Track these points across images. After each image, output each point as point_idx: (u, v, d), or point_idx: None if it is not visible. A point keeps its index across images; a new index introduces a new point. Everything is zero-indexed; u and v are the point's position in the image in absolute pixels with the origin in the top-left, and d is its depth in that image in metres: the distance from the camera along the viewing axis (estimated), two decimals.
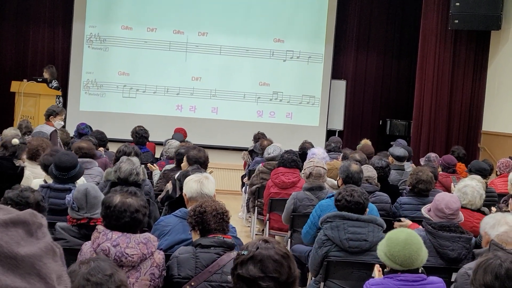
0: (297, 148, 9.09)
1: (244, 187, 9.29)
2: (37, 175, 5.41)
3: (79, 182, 5.06)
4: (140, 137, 8.40)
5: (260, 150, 9.01)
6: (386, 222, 4.96)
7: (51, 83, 10.84)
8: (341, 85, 13.17)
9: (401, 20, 13.38)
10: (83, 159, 6.01)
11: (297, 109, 12.83)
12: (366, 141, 10.07)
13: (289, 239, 6.05)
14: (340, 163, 6.78)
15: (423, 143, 12.09)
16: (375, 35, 13.37)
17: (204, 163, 5.89)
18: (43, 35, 12.54)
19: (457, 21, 11.34)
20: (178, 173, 5.79)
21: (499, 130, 11.41)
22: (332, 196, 5.21)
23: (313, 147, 8.54)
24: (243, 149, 10.72)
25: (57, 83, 10.88)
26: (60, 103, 10.71)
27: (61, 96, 10.72)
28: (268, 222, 6.85)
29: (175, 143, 8.06)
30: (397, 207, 6.12)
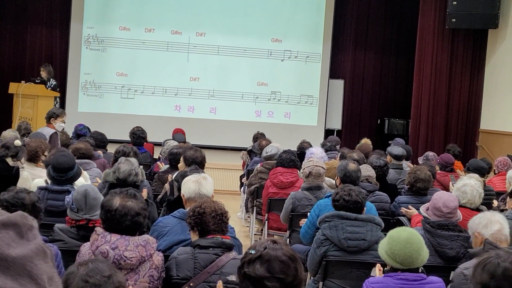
0: (295, 148, 9.10)
1: (242, 187, 9.29)
2: (36, 177, 5.41)
3: (78, 183, 5.07)
4: (137, 138, 8.41)
5: (258, 150, 9.02)
6: (384, 221, 4.98)
7: (49, 82, 10.85)
8: (339, 85, 13.18)
9: (398, 19, 13.40)
10: (81, 160, 6.02)
11: (295, 109, 12.84)
12: (366, 140, 10.08)
13: (288, 239, 6.06)
14: (338, 162, 6.79)
15: (421, 142, 12.09)
16: (373, 34, 13.38)
17: (201, 163, 5.89)
18: (41, 36, 12.54)
19: (454, 20, 11.35)
20: (175, 174, 5.79)
21: (497, 128, 11.41)
22: (330, 195, 5.21)
23: (311, 146, 8.55)
24: (241, 149, 10.73)
25: (55, 82, 10.91)
26: (57, 103, 10.73)
27: (58, 97, 10.72)
28: (267, 222, 6.86)
29: (173, 144, 8.06)
30: (395, 206, 6.12)
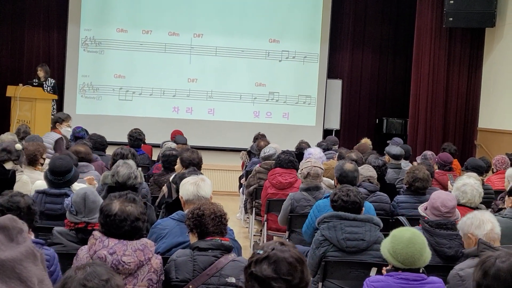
0: (294, 148, 9.10)
1: (241, 188, 9.29)
2: (35, 180, 5.40)
3: (76, 186, 5.06)
4: (135, 140, 8.39)
5: (257, 151, 9.03)
6: (383, 220, 4.98)
7: (46, 82, 10.84)
8: (337, 84, 13.19)
9: (396, 18, 13.40)
10: (80, 163, 6.01)
11: (293, 109, 12.85)
12: (366, 140, 10.08)
13: (287, 240, 6.05)
14: (336, 162, 6.79)
15: (420, 141, 12.10)
16: (370, 34, 13.38)
17: (198, 164, 5.87)
18: (38, 39, 12.53)
19: (451, 19, 11.37)
20: (172, 176, 5.79)
21: (495, 127, 11.42)
22: (329, 196, 5.22)
23: (310, 147, 8.55)
24: (240, 150, 10.73)
25: (53, 80, 10.93)
26: (54, 105, 10.72)
27: (55, 99, 10.71)
28: (266, 223, 6.86)
29: (172, 145, 8.05)
30: (394, 205, 6.13)
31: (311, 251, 4.60)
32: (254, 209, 7.63)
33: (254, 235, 7.85)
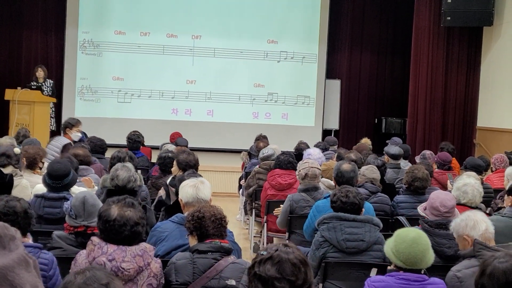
0: (293, 149, 9.11)
1: (241, 189, 9.29)
2: (35, 184, 5.40)
3: (75, 190, 5.05)
4: (133, 142, 8.38)
5: (256, 152, 9.03)
6: (383, 221, 4.98)
7: (45, 83, 10.84)
8: (335, 85, 13.19)
9: (393, 18, 13.41)
10: (83, 167, 6.01)
11: (292, 110, 12.85)
12: (366, 140, 10.08)
13: (287, 241, 6.05)
14: (335, 163, 6.79)
15: (419, 141, 12.10)
16: (368, 34, 13.39)
17: (194, 166, 5.86)
18: (36, 42, 12.53)
19: (449, 18, 11.37)
20: (169, 179, 5.78)
21: (494, 125, 11.43)
22: (328, 196, 5.22)
23: (309, 147, 8.55)
24: (239, 151, 10.73)
25: (52, 82, 10.94)
26: (53, 108, 10.72)
27: (52, 102, 10.71)
28: (266, 224, 6.86)
29: (171, 147, 8.04)
30: (394, 205, 6.13)
31: (311, 252, 4.60)
32: (254, 210, 7.63)
33: (254, 237, 7.85)
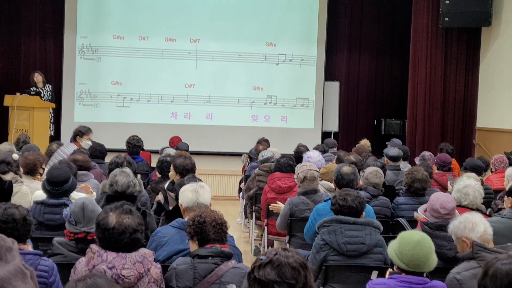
0: (293, 151, 9.10)
1: (241, 193, 9.28)
2: (33, 190, 5.39)
3: (74, 195, 5.05)
4: (133, 147, 8.38)
5: (255, 155, 9.03)
6: (383, 223, 4.98)
7: (45, 87, 10.85)
8: (334, 87, 13.18)
9: (392, 19, 13.40)
10: (78, 172, 5.99)
11: (291, 112, 12.84)
12: (365, 141, 10.07)
13: (288, 244, 6.05)
14: (335, 165, 6.78)
15: (418, 142, 12.10)
16: (367, 35, 13.38)
17: (191, 170, 5.86)
18: (34, 47, 12.51)
19: (447, 19, 11.37)
20: (167, 184, 5.77)
21: (493, 126, 11.43)
22: (328, 199, 5.22)
23: (308, 150, 8.55)
24: (239, 154, 10.73)
25: (50, 86, 10.96)
26: (52, 113, 10.71)
27: (51, 108, 10.71)
28: (266, 227, 6.86)
29: (171, 152, 8.02)
30: (394, 207, 6.13)
31: (312, 255, 4.60)
32: (254, 213, 7.63)
33: (254, 240, 7.85)
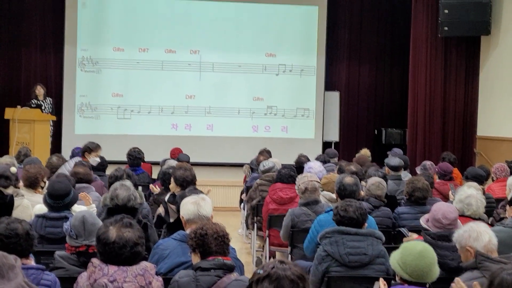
0: (293, 162, 9.10)
1: (242, 203, 9.27)
2: (36, 203, 5.38)
3: (76, 208, 5.05)
4: (134, 159, 8.38)
5: (256, 165, 9.03)
6: (385, 233, 4.97)
7: (45, 100, 10.86)
8: (334, 97, 13.20)
9: (391, 29, 13.43)
10: (79, 185, 6.00)
11: (292, 123, 12.85)
12: (365, 151, 10.05)
13: (290, 255, 6.04)
14: (336, 176, 6.78)
15: (419, 151, 12.10)
16: (366, 45, 13.40)
17: (192, 182, 5.85)
18: (35, 60, 12.53)
19: (446, 28, 11.39)
20: (167, 196, 5.77)
21: (494, 134, 11.43)
22: (330, 210, 5.21)
23: (309, 160, 8.55)
24: (240, 165, 10.73)
25: (50, 99, 10.98)
26: (52, 126, 10.72)
27: (51, 120, 10.71)
28: (268, 238, 6.84)
29: (173, 163, 8.01)
30: (395, 217, 6.12)
31: (314, 267, 4.59)
32: (255, 224, 7.61)
33: (256, 251, 7.83)
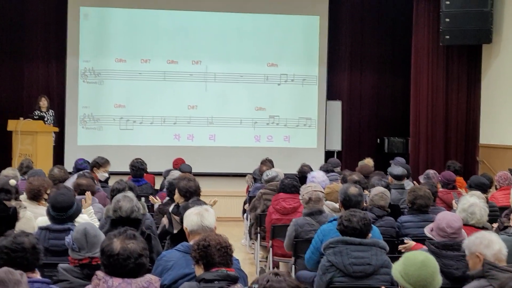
0: (296, 171, 9.09)
1: (245, 214, 9.25)
2: (39, 215, 5.38)
3: (80, 220, 5.04)
4: (137, 170, 8.37)
5: (259, 175, 9.02)
6: (389, 243, 4.95)
7: (48, 112, 10.87)
8: (336, 106, 13.20)
9: (392, 37, 13.43)
10: (82, 196, 5.99)
11: (294, 132, 12.86)
12: (369, 160, 10.02)
13: (293, 265, 6.02)
14: (339, 186, 6.77)
15: (422, 160, 12.10)
16: (368, 54, 13.42)
17: (195, 192, 5.84)
18: (37, 72, 12.56)
19: (448, 37, 11.40)
20: (172, 207, 5.75)
21: (496, 142, 11.43)
22: (333, 220, 5.20)
23: (312, 170, 8.53)
24: (242, 175, 10.72)
25: (53, 112, 11.00)
26: (54, 137, 10.72)
27: (53, 132, 10.72)
28: (271, 249, 6.82)
29: (177, 174, 7.98)
30: (398, 226, 6.11)
31: (318, 277, 4.58)
32: (259, 235, 7.59)
33: (260, 261, 7.81)
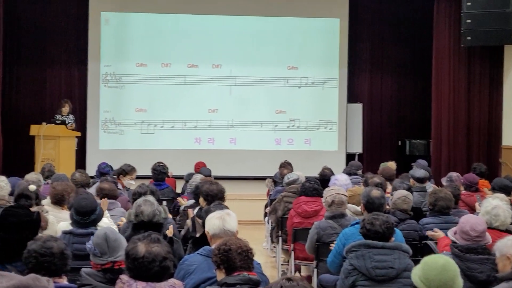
0: (317, 174, 9.07)
1: (266, 217, 9.24)
2: (61, 220, 5.42)
3: (103, 224, 5.07)
4: (159, 174, 8.42)
5: (280, 179, 9.02)
6: (411, 246, 4.92)
7: (68, 116, 10.94)
8: (357, 108, 13.16)
9: (413, 39, 13.36)
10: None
11: (315, 135, 12.83)
12: (392, 164, 9.94)
13: (315, 269, 6.01)
14: (362, 188, 6.74)
15: (444, 162, 12.01)
16: (388, 56, 13.37)
17: (216, 196, 5.85)
18: (59, 77, 12.69)
19: (469, 38, 11.31)
20: (196, 210, 5.77)
21: None
22: (355, 223, 5.18)
23: (333, 173, 8.51)
24: (263, 178, 10.72)
25: (73, 116, 11.07)
26: (76, 141, 10.80)
27: (75, 136, 10.79)
28: (293, 252, 6.81)
29: (199, 178, 8.01)
30: (420, 228, 6.08)
31: (340, 281, 4.56)
32: (280, 238, 7.58)
33: (281, 265, 7.80)
